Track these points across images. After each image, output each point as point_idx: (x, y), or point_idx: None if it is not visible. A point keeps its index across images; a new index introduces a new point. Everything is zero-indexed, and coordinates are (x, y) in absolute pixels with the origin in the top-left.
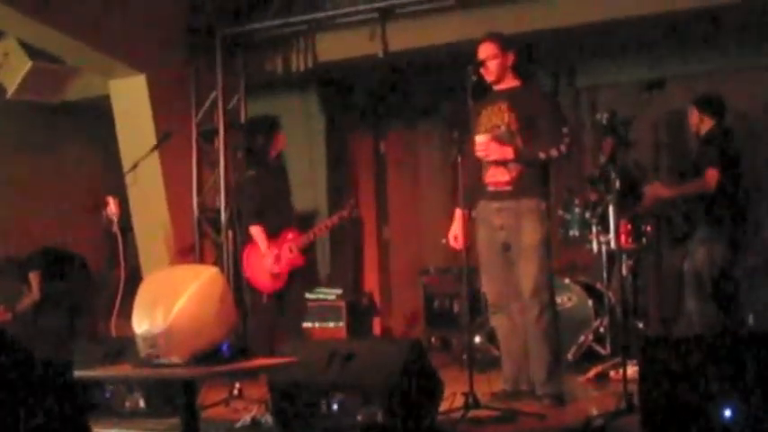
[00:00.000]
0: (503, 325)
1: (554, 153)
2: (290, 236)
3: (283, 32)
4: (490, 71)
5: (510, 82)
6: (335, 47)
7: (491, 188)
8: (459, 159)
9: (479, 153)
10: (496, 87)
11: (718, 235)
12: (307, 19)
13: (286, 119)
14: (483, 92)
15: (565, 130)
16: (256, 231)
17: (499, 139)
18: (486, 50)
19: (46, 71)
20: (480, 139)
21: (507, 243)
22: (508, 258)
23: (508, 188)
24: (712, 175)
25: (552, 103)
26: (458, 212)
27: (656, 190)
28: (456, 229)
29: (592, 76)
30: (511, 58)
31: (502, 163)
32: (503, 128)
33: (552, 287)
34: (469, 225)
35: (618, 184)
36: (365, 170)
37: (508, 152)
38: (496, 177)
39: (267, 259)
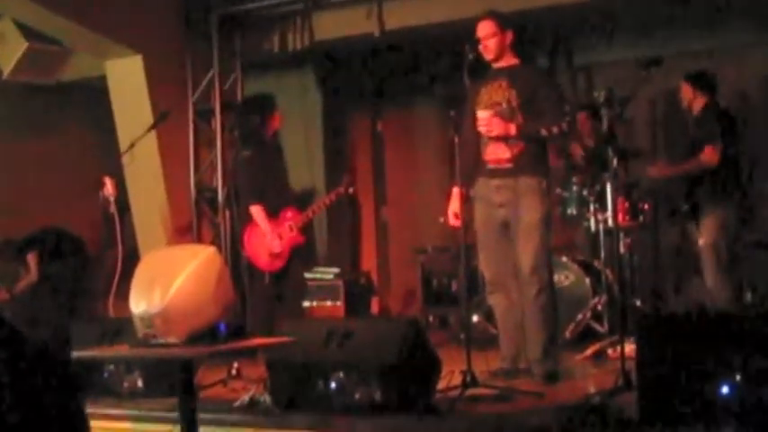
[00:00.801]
0: (500, 303)
1: (555, 130)
2: (289, 214)
3: (280, 11)
4: (489, 49)
5: (509, 60)
6: (332, 25)
7: (491, 165)
8: (456, 139)
9: (482, 128)
10: (495, 65)
11: (727, 209)
12: None
13: (282, 98)
14: (480, 71)
15: (566, 107)
16: (256, 211)
17: (501, 115)
18: (484, 28)
19: (42, 52)
20: (483, 114)
21: (506, 221)
22: (507, 236)
23: (509, 165)
24: (712, 152)
25: (552, 81)
26: (455, 190)
27: (659, 170)
28: (454, 206)
29: (588, 54)
30: (509, 36)
31: (503, 139)
32: (504, 105)
33: (551, 266)
34: (467, 203)
35: (615, 161)
36: (362, 149)
37: (511, 128)
38: (497, 154)
39: (268, 238)
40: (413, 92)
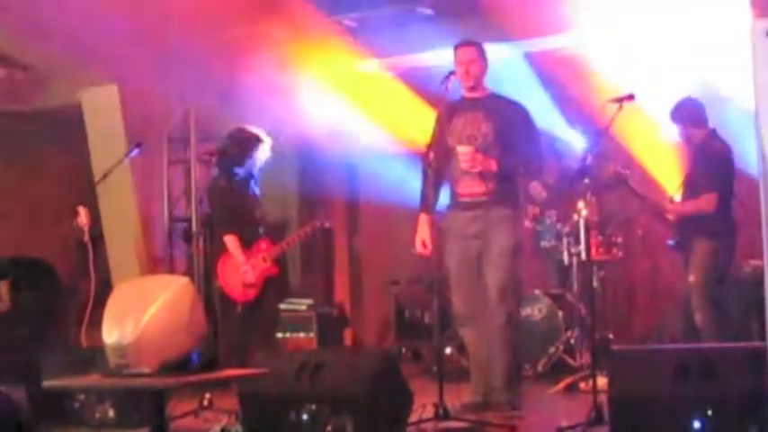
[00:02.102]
0: (472, 336)
1: (532, 167)
2: (263, 245)
3: None
4: (471, 75)
5: (483, 91)
6: None
7: (465, 199)
8: (429, 172)
9: (464, 164)
10: (469, 95)
11: (717, 244)
12: None
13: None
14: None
15: (540, 141)
16: (231, 240)
17: (481, 150)
18: (467, 53)
19: (16, 78)
20: (464, 149)
21: (480, 252)
22: (480, 269)
23: (484, 198)
24: (712, 199)
25: (528, 115)
26: (422, 217)
27: (656, 212)
28: (422, 233)
29: None
30: (486, 65)
31: (479, 174)
32: (479, 139)
33: (519, 296)
34: (437, 235)
35: (590, 196)
36: (337, 180)
37: (492, 164)
38: (473, 188)
39: (242, 268)
40: None
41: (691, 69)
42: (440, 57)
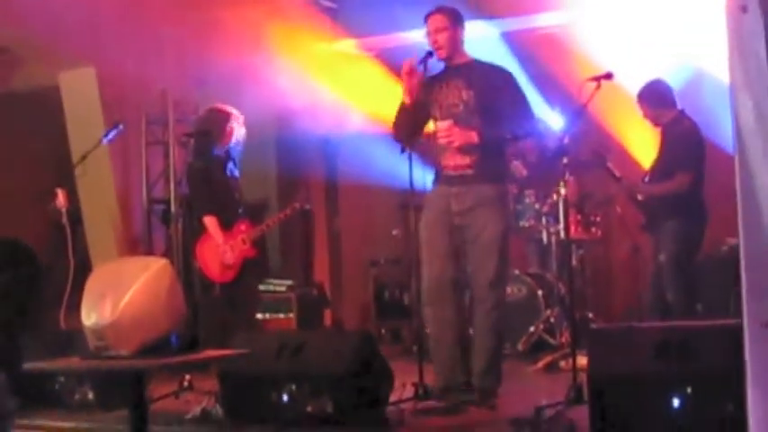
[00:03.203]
0: (437, 317)
1: (518, 132)
2: (243, 227)
3: None
4: (440, 44)
5: (462, 57)
6: None
7: (450, 172)
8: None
9: (442, 140)
10: (449, 63)
11: (689, 225)
12: None
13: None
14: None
15: (526, 105)
16: (210, 221)
17: (460, 122)
18: (435, 22)
19: None
20: (442, 125)
21: (461, 228)
22: (455, 246)
23: (470, 171)
24: (683, 180)
25: (514, 80)
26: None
27: (630, 194)
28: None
29: None
30: (461, 32)
31: (463, 147)
32: (460, 107)
33: (507, 281)
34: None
35: (566, 176)
36: (316, 161)
37: (472, 136)
38: (456, 161)
39: (221, 249)
40: None
41: (669, 46)
42: (418, 36)
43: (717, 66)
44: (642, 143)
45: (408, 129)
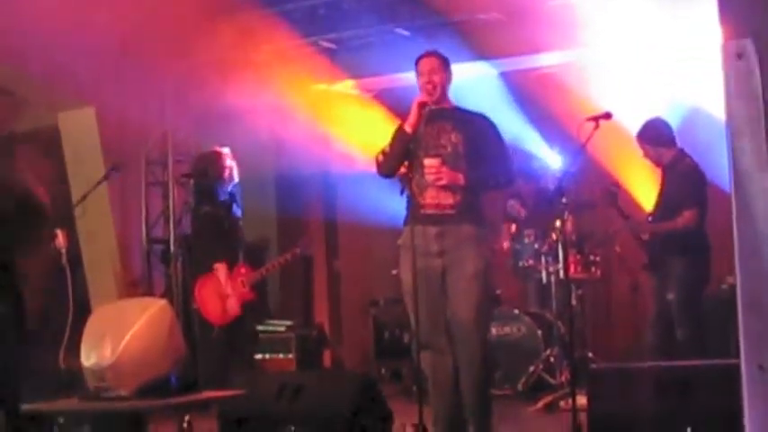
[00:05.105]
0: (434, 362)
1: (502, 179)
2: (242, 270)
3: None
4: (434, 85)
5: (448, 102)
6: None
7: (430, 211)
8: (407, 191)
9: (429, 177)
10: (436, 106)
11: (697, 261)
12: None
13: (236, 148)
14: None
15: (508, 154)
16: (221, 269)
17: (448, 163)
18: (430, 62)
19: None
20: (431, 162)
21: (444, 271)
22: (443, 289)
23: (451, 212)
24: (690, 217)
25: (497, 128)
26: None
27: (636, 233)
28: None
29: None
30: (450, 77)
31: (447, 187)
32: (449, 148)
33: (491, 317)
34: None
35: (567, 215)
36: (315, 201)
37: (459, 178)
38: (439, 200)
39: (225, 295)
40: None
41: (666, 86)
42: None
43: (712, 103)
44: (642, 182)
45: (401, 157)
